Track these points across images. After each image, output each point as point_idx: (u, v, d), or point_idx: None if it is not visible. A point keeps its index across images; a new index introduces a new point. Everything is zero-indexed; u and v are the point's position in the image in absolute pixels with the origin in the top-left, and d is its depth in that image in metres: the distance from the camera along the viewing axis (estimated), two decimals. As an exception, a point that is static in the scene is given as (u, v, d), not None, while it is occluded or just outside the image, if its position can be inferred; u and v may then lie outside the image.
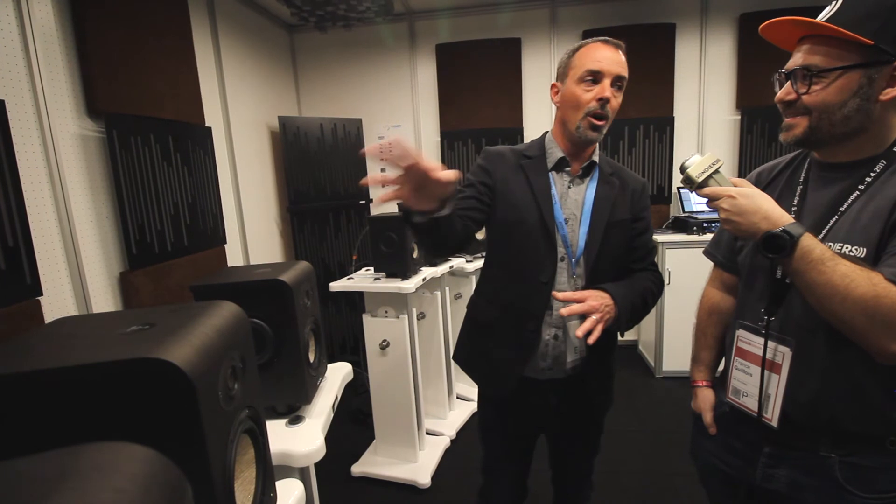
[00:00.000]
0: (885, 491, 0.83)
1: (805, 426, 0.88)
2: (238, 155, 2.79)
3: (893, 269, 0.74)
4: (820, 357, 0.85)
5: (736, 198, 0.85)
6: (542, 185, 1.19)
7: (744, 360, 0.97)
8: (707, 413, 1.07)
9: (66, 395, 0.45)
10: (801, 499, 0.90)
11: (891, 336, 0.73)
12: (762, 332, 0.92)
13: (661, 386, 3.01)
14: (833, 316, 0.78)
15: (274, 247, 3.30)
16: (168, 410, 0.46)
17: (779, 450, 0.92)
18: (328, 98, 3.63)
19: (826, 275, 0.76)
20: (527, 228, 1.16)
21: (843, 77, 0.79)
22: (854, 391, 0.83)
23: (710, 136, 3.34)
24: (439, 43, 3.40)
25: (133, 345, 0.49)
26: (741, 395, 0.97)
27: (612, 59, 1.11)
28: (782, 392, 0.89)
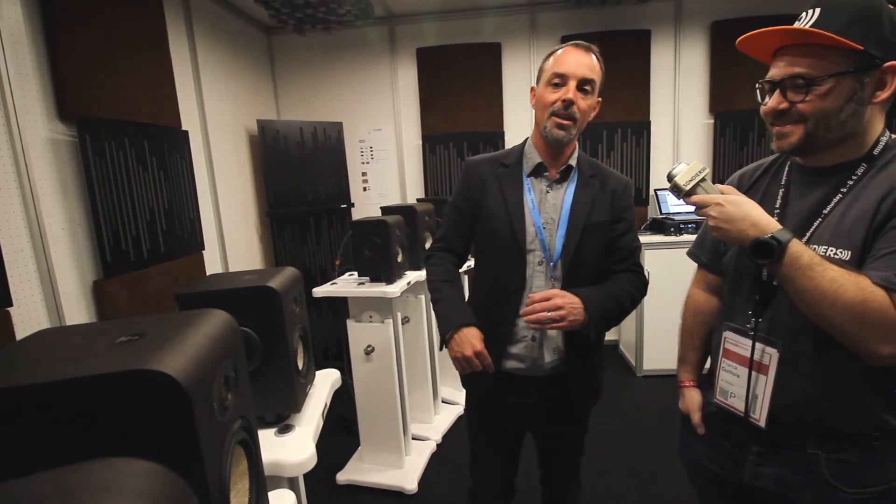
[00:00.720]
0: (870, 486, 0.85)
1: (792, 425, 0.89)
2: (216, 159, 2.74)
3: (879, 272, 0.75)
4: (807, 358, 0.86)
5: (724, 205, 0.85)
6: (514, 194, 1.23)
7: (731, 362, 0.98)
8: (695, 413, 1.09)
9: (57, 410, 0.43)
10: (788, 496, 0.91)
11: (880, 339, 0.75)
12: (750, 333, 0.93)
13: (643, 385, 3.07)
14: (823, 320, 0.79)
15: (253, 253, 3.24)
16: (163, 423, 0.45)
17: (766, 448, 0.94)
18: (308, 101, 3.59)
19: (815, 280, 0.77)
20: (499, 238, 1.23)
21: (838, 84, 0.79)
22: (841, 391, 0.84)
23: (685, 139, 3.43)
24: (420, 47, 3.41)
25: (125, 356, 0.47)
26: (728, 396, 0.98)
27: (578, 62, 1.14)
28: (770, 393, 0.90)
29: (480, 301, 1.29)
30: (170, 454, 0.45)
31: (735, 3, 3.21)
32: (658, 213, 3.31)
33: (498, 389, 1.26)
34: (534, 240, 1.21)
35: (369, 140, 3.64)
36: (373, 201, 3.68)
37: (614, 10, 3.28)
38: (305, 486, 1.12)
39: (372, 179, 3.70)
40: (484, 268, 1.30)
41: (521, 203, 1.22)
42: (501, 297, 1.23)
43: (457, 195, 1.34)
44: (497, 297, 1.24)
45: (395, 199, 3.66)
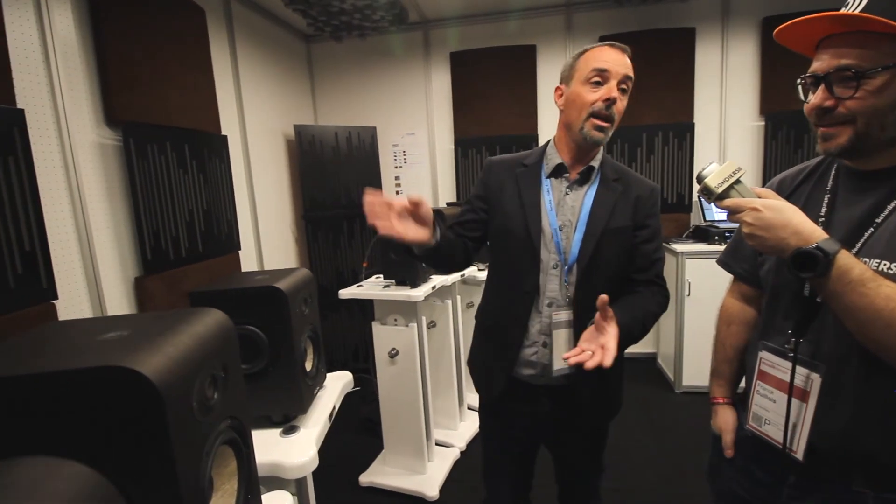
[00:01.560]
0: None
1: (835, 459, 0.80)
2: (254, 162, 2.83)
3: None
4: (854, 385, 0.77)
5: (761, 210, 0.76)
6: (531, 194, 1.19)
7: (767, 385, 0.89)
8: (727, 434, 1.01)
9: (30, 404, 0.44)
10: None
11: None
12: (789, 355, 0.84)
13: (681, 401, 2.91)
14: (875, 343, 0.71)
15: (289, 253, 3.33)
16: (134, 420, 0.45)
17: (806, 481, 0.85)
18: (343, 106, 3.67)
19: (868, 297, 0.69)
20: (514, 238, 1.19)
21: (894, 77, 0.71)
22: (892, 422, 0.75)
23: (732, 142, 3.24)
24: (453, 51, 3.40)
25: (103, 353, 0.48)
26: (763, 423, 0.90)
27: (618, 61, 1.09)
28: (809, 422, 0.81)
29: (493, 304, 1.27)
30: (139, 451, 0.44)
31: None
32: (702, 221, 3.14)
33: (509, 396, 1.23)
34: (550, 242, 1.16)
35: (402, 144, 3.67)
36: (405, 205, 3.70)
37: (655, 8, 3.15)
38: (328, 485, 1.11)
39: (405, 183, 3.72)
40: (497, 269, 1.28)
41: (537, 203, 1.18)
42: (514, 299, 1.19)
43: (475, 193, 1.32)
44: (510, 298, 1.21)
45: (428, 202, 3.66)
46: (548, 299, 1.17)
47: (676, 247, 2.90)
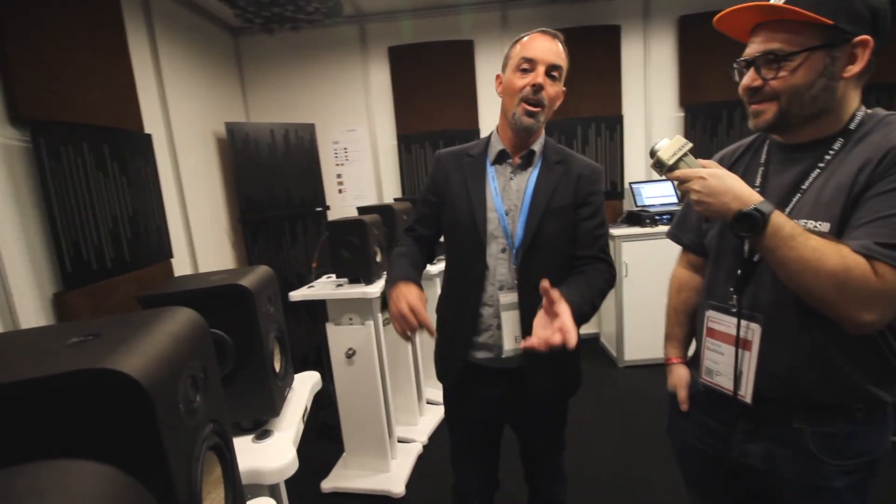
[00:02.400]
0: (853, 457, 0.86)
1: (778, 400, 0.89)
2: (182, 163, 2.64)
3: (860, 240, 0.75)
4: (790, 332, 0.86)
5: (707, 178, 0.84)
6: (476, 183, 1.22)
7: (714, 340, 0.98)
8: (682, 390, 1.09)
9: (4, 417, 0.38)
10: (775, 471, 0.91)
11: (861, 306, 0.75)
12: (732, 310, 0.93)
13: (624, 375, 3.10)
14: (805, 290, 0.79)
15: (225, 259, 3.14)
16: (122, 427, 0.40)
17: (753, 425, 0.94)
18: (278, 103, 3.51)
19: (797, 250, 0.77)
20: (462, 228, 1.22)
21: (809, 59, 0.80)
22: (824, 363, 0.84)
23: (656, 132, 3.49)
24: (392, 45, 3.37)
25: (77, 356, 0.43)
26: (714, 375, 0.98)
27: (546, 48, 1.12)
28: (754, 369, 0.90)
29: (449, 293, 1.31)
30: (131, 460, 0.40)
31: (699, -2, 3.29)
32: (634, 206, 3.35)
33: (468, 381, 1.26)
34: (497, 227, 1.19)
35: (343, 141, 3.58)
36: (349, 203, 3.62)
37: (584, 7, 3.32)
38: (289, 496, 1.07)
39: (347, 181, 3.64)
40: (451, 258, 1.31)
41: (482, 191, 1.21)
42: (465, 287, 1.23)
43: (426, 188, 1.35)
44: (462, 285, 1.24)
45: (372, 199, 3.61)
46: (498, 283, 1.19)
47: (612, 231, 3.08)
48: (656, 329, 1.19)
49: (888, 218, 0.74)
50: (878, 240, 0.74)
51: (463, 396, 1.31)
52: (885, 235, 0.74)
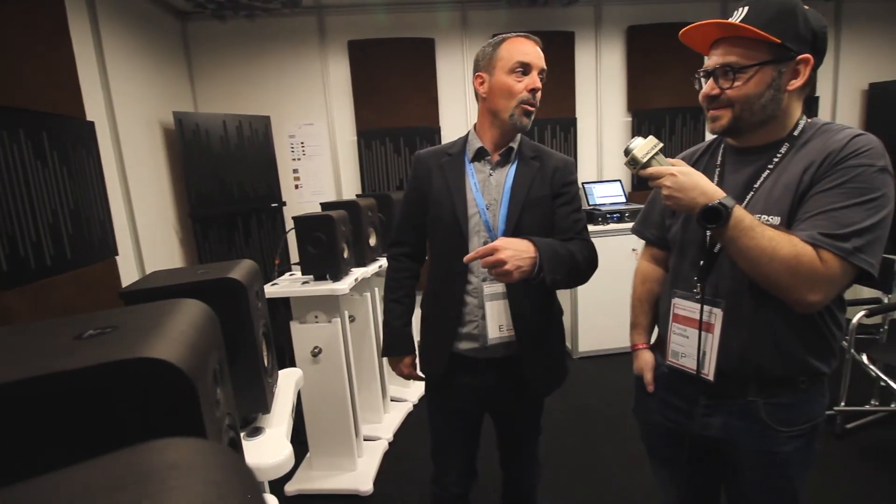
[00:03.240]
0: (799, 424, 0.98)
1: (736, 376, 1.00)
2: (127, 154, 2.46)
3: (807, 231, 0.86)
4: (746, 314, 0.97)
5: (677, 175, 0.93)
6: (457, 181, 1.27)
7: (680, 325, 1.07)
8: (647, 373, 1.18)
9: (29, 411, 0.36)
10: (733, 441, 1.02)
11: (809, 289, 0.86)
12: (697, 297, 1.03)
13: (580, 366, 3.24)
14: (762, 275, 0.89)
15: (174, 257, 2.97)
16: (168, 420, 0.39)
17: (713, 401, 1.04)
18: (230, 94, 3.35)
19: (756, 239, 0.87)
20: (443, 223, 1.27)
21: (760, 72, 0.91)
22: (775, 340, 0.95)
23: (607, 135, 3.67)
24: (352, 39, 3.32)
25: (105, 348, 0.41)
26: (680, 357, 1.07)
27: (537, 54, 1.20)
28: (717, 349, 1.00)
29: (433, 285, 1.35)
30: None
31: (649, 10, 3.49)
32: (586, 205, 3.51)
33: (453, 371, 1.29)
34: (478, 221, 1.24)
35: (300, 135, 3.48)
36: (306, 199, 3.53)
37: (542, 12, 3.43)
38: None
39: (304, 176, 3.54)
40: (435, 254, 1.35)
41: (462, 187, 1.26)
42: (448, 280, 1.27)
43: (408, 189, 1.39)
44: (445, 279, 1.29)
45: (330, 196, 3.53)
46: (482, 274, 1.24)
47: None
48: (608, 322, 1.28)
49: (829, 212, 0.85)
50: (822, 231, 0.85)
51: (448, 387, 1.33)
52: (827, 227, 0.85)
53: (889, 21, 3.74)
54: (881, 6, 3.69)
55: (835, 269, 0.84)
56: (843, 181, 0.86)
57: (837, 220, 0.84)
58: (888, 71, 3.80)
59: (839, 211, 0.85)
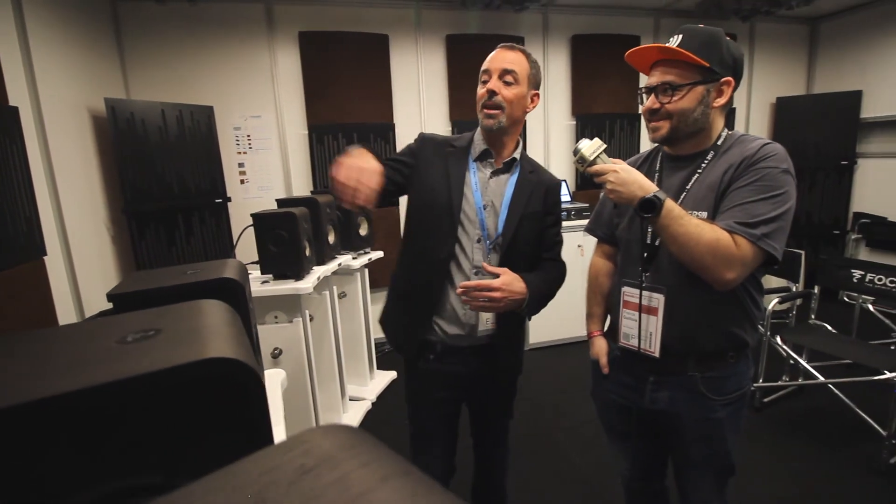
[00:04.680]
0: (730, 393, 1.16)
1: (677, 352, 1.15)
2: (53, 144, 2.23)
3: (724, 220, 1.03)
4: (683, 298, 1.12)
5: (619, 172, 1.06)
6: (458, 173, 1.31)
7: (629, 311, 1.22)
8: (602, 357, 1.32)
9: (102, 416, 0.35)
10: (677, 412, 1.18)
11: (727, 268, 1.01)
12: (642, 285, 1.18)
13: (530, 357, 3.39)
14: (689, 256, 1.03)
15: (106, 257, 2.73)
16: (240, 417, 0.40)
17: (660, 377, 1.20)
18: (166, 81, 3.12)
19: (685, 226, 1.01)
20: (435, 209, 1.30)
21: (693, 90, 1.07)
22: (707, 318, 1.12)
23: (553, 137, 3.84)
24: (303, 30, 3.22)
25: (168, 350, 0.40)
26: (630, 338, 1.22)
27: (500, 58, 1.26)
28: (660, 330, 1.15)
29: (409, 270, 1.37)
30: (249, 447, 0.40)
31: (592, 21, 3.70)
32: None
33: (437, 359, 1.34)
34: (474, 217, 1.29)
35: (246, 128, 3.32)
36: (253, 195, 3.38)
37: (494, 16, 3.51)
38: None
39: (251, 171, 3.39)
40: (415, 238, 1.37)
41: (462, 181, 1.31)
42: (431, 265, 1.31)
43: (404, 152, 1.38)
44: (426, 264, 1.31)
45: (279, 192, 3.41)
46: (474, 268, 1.30)
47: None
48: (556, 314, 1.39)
49: (742, 205, 1.02)
50: (736, 220, 1.01)
51: (431, 376, 1.37)
52: (741, 217, 1.01)
53: (793, 43, 4.24)
54: (787, 29, 4.17)
55: (747, 251, 1.00)
56: (754, 180, 1.03)
57: (749, 212, 1.01)
58: (793, 87, 4.30)
59: (750, 204, 1.01)
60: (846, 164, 3.95)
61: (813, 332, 2.60)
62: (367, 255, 2.83)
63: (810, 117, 4.01)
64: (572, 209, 3.47)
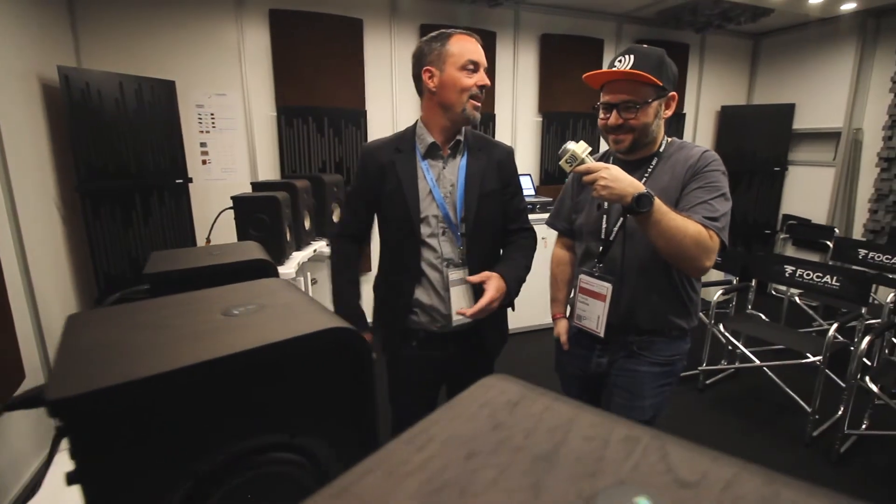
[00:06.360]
0: (658, 356, 1.33)
1: (620, 329, 1.33)
2: (2, 114, 2.06)
3: (699, 215, 1.16)
4: (629, 286, 1.29)
5: (610, 170, 1.14)
6: (409, 176, 1.35)
7: (583, 296, 1.37)
8: (563, 335, 1.47)
9: (248, 378, 0.39)
10: (615, 371, 1.37)
11: (706, 257, 1.15)
12: (595, 274, 1.33)
13: (496, 345, 3.51)
14: (677, 248, 1.13)
15: (56, 237, 2.55)
16: (358, 380, 0.44)
17: (603, 346, 1.38)
18: (122, 51, 2.93)
19: (675, 220, 1.12)
20: (396, 221, 1.37)
21: (651, 105, 1.21)
22: (649, 305, 1.29)
23: (521, 132, 3.96)
24: (274, 8, 3.11)
25: (281, 321, 0.44)
26: (582, 319, 1.38)
27: (482, 52, 1.33)
28: (606, 313, 1.31)
29: (385, 274, 1.46)
30: (354, 416, 0.45)
31: (560, 21, 3.83)
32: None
33: (419, 346, 1.42)
34: (438, 214, 1.35)
35: (210, 106, 3.18)
36: (216, 176, 3.26)
37: (469, 8, 3.55)
38: None
39: (213, 151, 3.25)
40: (388, 246, 1.44)
41: (415, 184, 1.35)
42: (400, 273, 1.39)
43: (356, 183, 1.45)
44: (397, 272, 1.40)
45: (244, 174, 3.30)
46: (445, 261, 1.36)
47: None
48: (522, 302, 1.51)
49: (702, 203, 1.18)
50: (705, 216, 1.16)
51: (411, 362, 1.43)
52: (706, 213, 1.16)
53: (738, 56, 4.60)
54: (734, 42, 4.51)
55: (716, 242, 1.15)
56: (705, 183, 1.19)
57: (709, 209, 1.17)
58: (736, 96, 4.67)
59: (709, 202, 1.17)
60: (778, 170, 4.37)
61: (749, 320, 2.89)
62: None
63: (750, 125, 4.38)
64: (537, 203, 3.61)
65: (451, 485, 0.21)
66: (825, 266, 2.64)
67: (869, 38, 3.77)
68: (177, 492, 0.37)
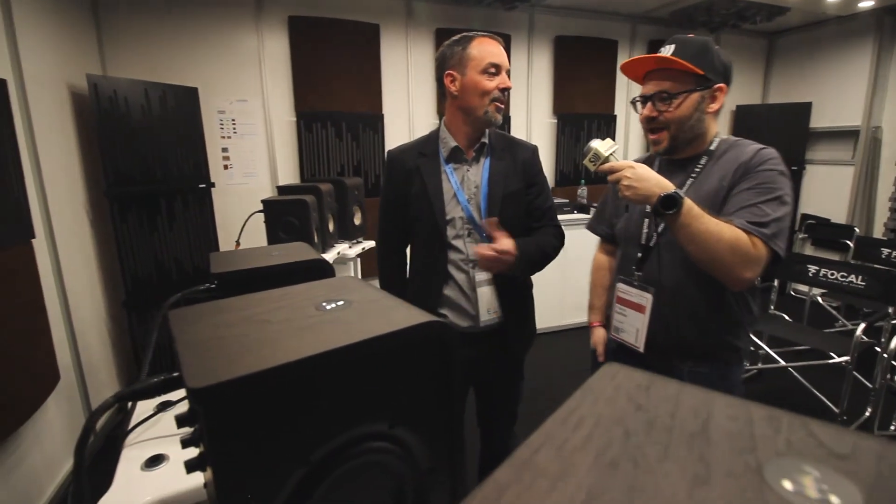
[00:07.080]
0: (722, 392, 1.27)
1: (662, 348, 1.19)
2: (37, 121, 2.11)
3: (739, 220, 1.03)
4: (671, 298, 1.15)
5: (635, 168, 1.06)
6: (435, 185, 1.36)
7: (621, 306, 1.26)
8: (599, 346, 1.40)
9: (357, 370, 0.41)
10: None
11: (745, 267, 1.01)
12: (634, 283, 1.22)
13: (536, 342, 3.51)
14: (709, 254, 1.01)
15: (85, 240, 2.61)
16: (446, 370, 0.46)
17: (644, 367, 1.29)
18: (145, 59, 2.99)
19: (705, 224, 1.00)
20: (422, 225, 1.38)
21: (688, 98, 1.10)
22: (697, 321, 1.14)
23: (535, 134, 3.98)
24: (292, 15, 3.16)
25: (380, 315, 0.46)
26: (620, 332, 1.28)
27: (504, 55, 1.32)
28: (646, 326, 1.19)
29: (416, 274, 1.48)
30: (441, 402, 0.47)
31: (574, 24, 3.84)
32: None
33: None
34: (463, 217, 1.36)
35: (231, 112, 3.23)
36: (237, 181, 3.30)
37: (484, 12, 3.58)
38: None
39: (235, 156, 3.30)
40: (415, 250, 1.47)
41: (440, 192, 1.36)
42: (430, 272, 1.40)
43: (386, 191, 1.46)
44: (427, 272, 1.42)
45: (265, 178, 3.35)
46: (470, 262, 1.37)
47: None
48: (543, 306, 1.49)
49: (751, 207, 1.04)
50: (749, 220, 1.02)
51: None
52: (752, 217, 1.03)
53: (753, 55, 4.58)
54: (748, 41, 4.50)
55: (762, 251, 1.01)
56: (756, 183, 1.05)
57: (758, 213, 1.02)
58: (750, 96, 4.65)
59: (757, 206, 1.03)
60: (795, 169, 4.34)
61: (772, 321, 2.88)
62: (360, 245, 2.85)
63: (765, 125, 4.36)
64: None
65: (623, 459, 0.23)
66: (850, 265, 2.62)
67: (886, 35, 3.75)
68: (293, 478, 0.40)
